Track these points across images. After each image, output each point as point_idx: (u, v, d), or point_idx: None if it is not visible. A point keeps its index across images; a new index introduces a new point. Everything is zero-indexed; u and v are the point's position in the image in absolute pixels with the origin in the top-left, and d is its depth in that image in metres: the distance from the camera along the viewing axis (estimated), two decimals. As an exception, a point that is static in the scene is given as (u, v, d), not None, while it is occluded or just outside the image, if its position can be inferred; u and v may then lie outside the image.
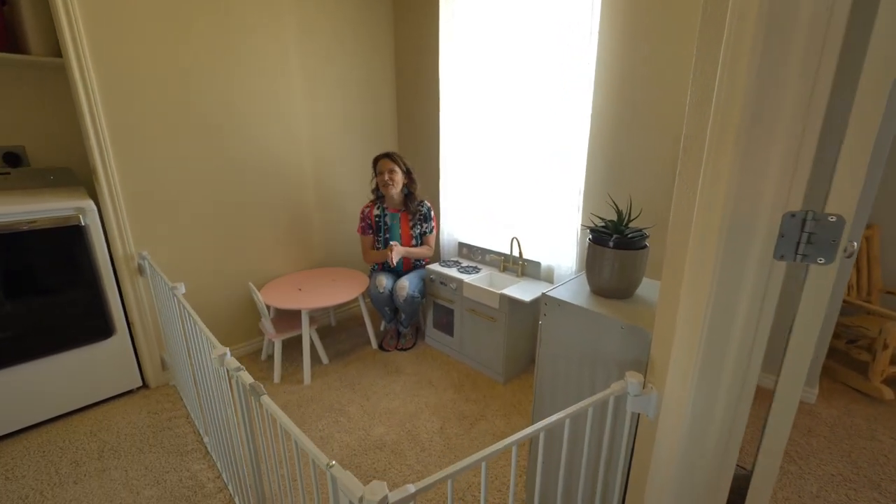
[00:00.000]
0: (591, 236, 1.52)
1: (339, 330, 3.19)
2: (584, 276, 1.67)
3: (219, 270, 2.69)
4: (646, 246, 1.44)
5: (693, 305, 1.02)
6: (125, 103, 2.27)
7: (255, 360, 2.83)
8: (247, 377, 1.32)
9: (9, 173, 2.37)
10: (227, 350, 1.43)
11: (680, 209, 1.11)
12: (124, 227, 2.37)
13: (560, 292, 1.55)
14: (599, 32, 2.07)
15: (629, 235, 1.42)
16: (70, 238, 2.22)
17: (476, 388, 2.49)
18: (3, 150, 2.39)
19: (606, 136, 2.18)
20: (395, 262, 2.66)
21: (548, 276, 2.52)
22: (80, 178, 2.49)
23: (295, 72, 2.78)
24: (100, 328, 2.37)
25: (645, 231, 1.44)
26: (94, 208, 2.26)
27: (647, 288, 1.57)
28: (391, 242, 2.72)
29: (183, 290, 2.02)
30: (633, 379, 1.20)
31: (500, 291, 2.37)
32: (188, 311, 1.84)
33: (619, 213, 1.49)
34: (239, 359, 2.93)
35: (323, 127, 2.98)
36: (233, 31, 2.51)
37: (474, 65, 2.66)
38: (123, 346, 2.46)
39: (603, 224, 1.51)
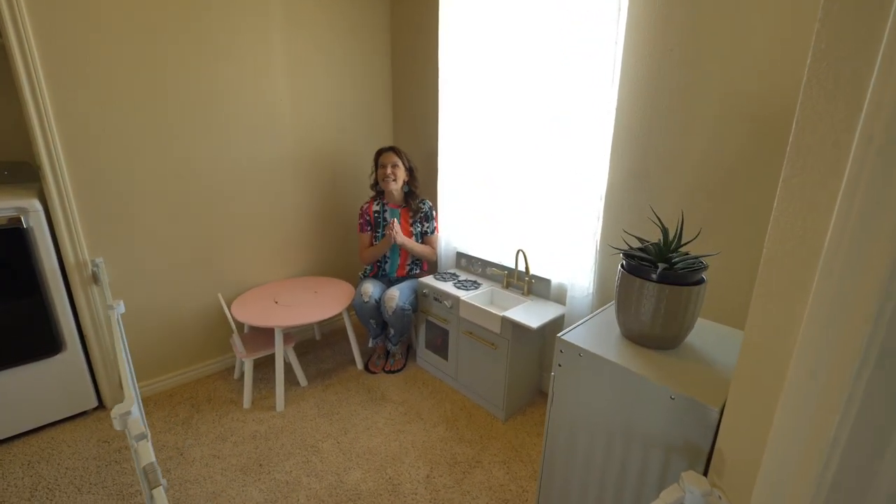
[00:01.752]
0: (624, 263, 1.08)
1: (323, 345, 2.77)
2: (610, 312, 1.24)
3: (188, 278, 2.28)
4: (703, 280, 1.01)
5: (821, 382, 0.58)
6: (76, 90, 1.86)
7: (227, 378, 2.42)
8: (145, 453, 0.90)
9: (-40, 169, 2.01)
10: (134, 406, 1.01)
11: (787, 230, 0.68)
12: (76, 231, 1.97)
13: (579, 335, 1.12)
14: (629, 5, 1.63)
15: (680, 265, 0.99)
16: (9, 242, 1.83)
17: (472, 424, 2.06)
18: (-43, 143, 2.02)
19: (636, 130, 1.73)
20: (396, 237, 2.27)
21: (559, 297, 2.07)
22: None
23: (278, 60, 2.36)
24: (46, 343, 1.97)
25: (703, 259, 1.00)
26: (40, 209, 1.87)
27: (703, 335, 1.13)
28: (391, 220, 2.34)
29: (122, 310, 1.62)
30: (693, 486, 0.76)
31: (502, 314, 1.93)
32: (121, 337, 1.43)
33: (664, 232, 1.05)
34: (210, 377, 2.55)
35: (309, 120, 2.56)
36: (206, 11, 2.09)
37: (478, 53, 2.22)
38: (75, 362, 2.06)
39: (641, 247, 1.08)
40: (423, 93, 2.66)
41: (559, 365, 1.11)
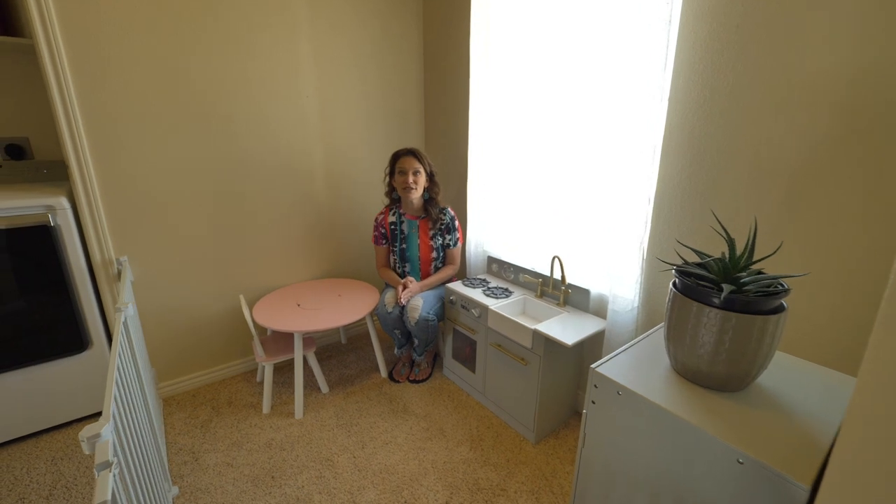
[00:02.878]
0: (677, 282, 0.87)
1: (348, 349, 2.66)
2: (658, 338, 1.03)
3: (211, 278, 2.23)
4: (783, 307, 0.78)
5: None
6: (102, 88, 1.84)
7: (250, 380, 2.36)
8: (103, 488, 0.79)
9: (0, 166, 2.06)
10: (106, 427, 0.91)
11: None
12: (102, 229, 1.95)
13: (619, 366, 0.92)
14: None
15: (752, 287, 0.77)
16: (37, 240, 1.83)
17: (499, 445, 1.87)
18: (6, 142, 2.09)
19: (693, 121, 1.48)
20: (403, 301, 2.10)
21: (599, 310, 1.85)
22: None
23: (306, 56, 2.27)
24: (72, 341, 1.97)
25: (783, 283, 0.77)
26: (68, 207, 1.86)
27: (779, 373, 0.89)
28: (406, 279, 2.18)
29: (132, 312, 1.56)
30: None
31: (533, 327, 1.74)
32: (122, 340, 1.36)
33: (730, 243, 0.83)
34: (234, 378, 2.49)
35: (338, 118, 2.45)
36: (232, 10, 2.02)
37: (511, 41, 2.03)
38: (101, 360, 2.06)
39: (700, 262, 0.86)
40: (454, 86, 2.49)
41: (593, 402, 0.91)
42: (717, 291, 0.78)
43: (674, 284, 0.87)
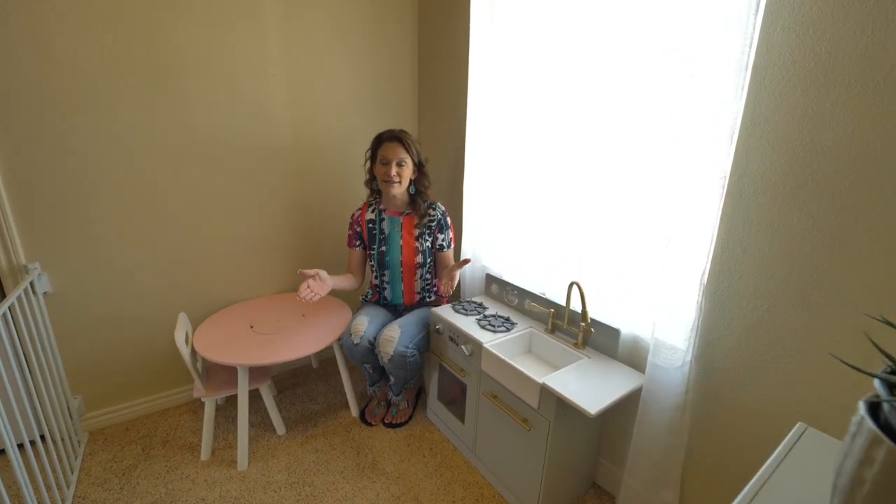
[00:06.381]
0: (888, 411, 0.36)
1: (319, 376, 2.16)
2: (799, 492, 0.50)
3: (151, 289, 1.76)
4: None
5: None
6: (12, 49, 1.38)
7: (197, 411, 1.88)
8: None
9: None
10: None
11: None
12: (7, 227, 1.50)
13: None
14: None
15: None
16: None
17: (489, 531, 1.36)
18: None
19: (796, 96, 0.95)
20: (308, 298, 1.57)
21: (633, 358, 1.32)
22: None
23: (271, 19, 1.78)
24: (-32, 363, 1.52)
25: None
26: (-39, 197, 1.42)
27: None
28: (316, 271, 1.61)
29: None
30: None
31: (542, 381, 1.22)
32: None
33: None
34: (178, 408, 1.69)
35: (311, 99, 1.94)
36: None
37: (526, 8, 1.52)
38: (10, 386, 1.60)
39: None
40: (453, 61, 1.94)
41: None
42: None
43: (878, 421, 0.36)
